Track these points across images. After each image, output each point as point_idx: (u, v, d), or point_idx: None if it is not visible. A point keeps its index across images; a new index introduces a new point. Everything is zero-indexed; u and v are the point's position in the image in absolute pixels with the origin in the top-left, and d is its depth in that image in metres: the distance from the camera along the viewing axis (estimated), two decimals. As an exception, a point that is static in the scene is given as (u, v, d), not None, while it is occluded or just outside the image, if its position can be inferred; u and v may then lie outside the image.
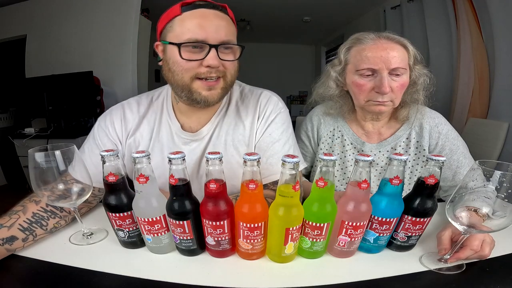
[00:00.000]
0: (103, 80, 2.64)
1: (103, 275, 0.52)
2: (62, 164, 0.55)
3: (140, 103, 0.78)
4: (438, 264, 0.53)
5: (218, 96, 0.66)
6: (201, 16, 0.60)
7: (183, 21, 0.61)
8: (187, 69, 0.62)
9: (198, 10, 0.61)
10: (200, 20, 0.60)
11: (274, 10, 3.64)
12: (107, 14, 2.66)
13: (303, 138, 0.97)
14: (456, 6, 2.23)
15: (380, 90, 0.71)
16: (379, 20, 3.31)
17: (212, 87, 0.64)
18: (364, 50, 0.74)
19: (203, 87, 0.64)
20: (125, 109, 0.77)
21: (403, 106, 0.81)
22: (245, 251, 0.55)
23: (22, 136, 2.40)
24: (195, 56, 0.61)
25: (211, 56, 0.60)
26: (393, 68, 0.71)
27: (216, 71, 0.63)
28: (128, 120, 0.75)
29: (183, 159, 0.50)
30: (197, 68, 0.62)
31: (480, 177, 0.46)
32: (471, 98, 2.16)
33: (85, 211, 0.76)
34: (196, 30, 0.59)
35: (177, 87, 0.66)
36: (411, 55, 0.74)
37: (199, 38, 0.59)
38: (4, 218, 0.59)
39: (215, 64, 0.61)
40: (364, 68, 0.73)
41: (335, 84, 0.84)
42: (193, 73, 0.63)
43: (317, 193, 0.51)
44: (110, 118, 0.75)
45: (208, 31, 0.60)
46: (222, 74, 0.65)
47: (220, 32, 0.61)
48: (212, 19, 0.61)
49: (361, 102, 0.78)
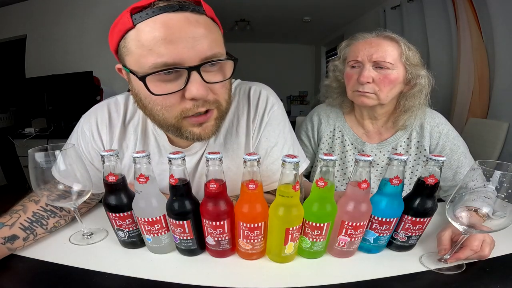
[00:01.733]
0: (103, 80, 2.64)
1: (103, 275, 0.51)
2: (62, 164, 0.55)
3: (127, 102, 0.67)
4: (438, 264, 0.53)
5: (213, 129, 0.54)
6: (164, 26, 0.42)
7: (139, 37, 0.43)
8: (166, 108, 0.48)
9: (159, 17, 0.42)
10: (164, 32, 0.42)
11: (274, 10, 3.64)
12: (107, 14, 2.66)
13: (303, 138, 0.97)
14: (456, 6, 2.22)
15: (359, 80, 0.76)
16: (379, 20, 3.31)
17: (204, 121, 0.52)
18: (355, 45, 0.80)
19: (193, 125, 0.52)
20: (111, 110, 0.65)
21: (405, 111, 0.80)
22: (245, 251, 0.55)
23: (22, 136, 2.40)
24: (170, 88, 0.45)
25: (194, 83, 0.44)
26: (375, 60, 0.74)
27: (203, 104, 0.48)
28: (114, 125, 0.65)
29: (183, 159, 0.49)
30: (179, 104, 0.48)
31: (480, 177, 0.46)
32: (471, 98, 2.16)
33: (84, 211, 0.76)
34: (161, 50, 0.42)
35: (161, 126, 0.54)
36: (403, 52, 0.75)
37: (169, 61, 0.42)
38: (5, 217, 0.59)
39: (202, 94, 0.45)
40: (351, 60, 0.79)
41: (335, 78, 0.89)
42: (177, 112, 0.48)
43: (317, 193, 0.51)
44: (95, 122, 0.65)
45: (180, 47, 0.42)
46: (214, 105, 0.50)
47: (198, 45, 0.43)
48: (182, 27, 0.43)
49: (348, 93, 0.83)
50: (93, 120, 0.66)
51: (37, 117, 2.67)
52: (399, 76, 0.75)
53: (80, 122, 0.68)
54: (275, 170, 0.65)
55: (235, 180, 0.59)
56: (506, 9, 1.82)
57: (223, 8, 3.54)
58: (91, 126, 0.65)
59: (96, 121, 0.65)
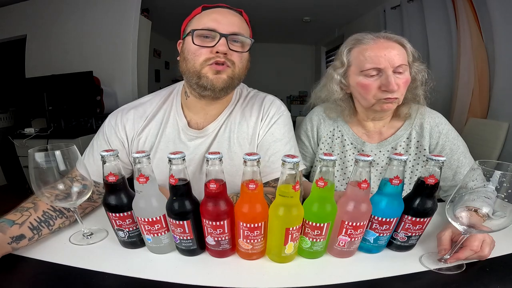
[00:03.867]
0: (103, 80, 2.64)
1: (103, 275, 0.51)
2: (62, 164, 0.55)
3: (153, 102, 0.80)
4: (438, 264, 0.53)
5: (224, 83, 0.68)
6: (217, 12, 0.68)
7: (201, 16, 0.68)
8: (198, 55, 0.66)
9: (216, 9, 0.68)
10: (215, 14, 0.67)
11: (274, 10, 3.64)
12: (107, 14, 2.66)
13: (303, 138, 0.97)
14: (456, 6, 2.23)
15: (389, 89, 0.72)
16: (379, 20, 3.31)
17: (219, 71, 0.67)
18: (366, 50, 0.74)
19: (211, 71, 0.67)
20: (138, 111, 0.79)
21: (405, 103, 0.81)
22: (245, 251, 0.55)
23: (22, 136, 2.40)
24: (206, 43, 0.66)
25: (221, 43, 0.65)
26: (397, 66, 0.72)
27: (224, 57, 0.66)
28: (138, 121, 0.78)
29: (183, 159, 0.50)
30: (207, 54, 0.66)
31: (480, 177, 0.46)
32: (471, 98, 2.16)
33: (89, 210, 0.76)
34: (210, 22, 0.66)
35: (189, 74, 0.69)
36: (409, 52, 0.75)
37: (211, 27, 0.65)
38: (16, 214, 0.59)
39: (224, 49, 0.65)
40: (369, 68, 0.73)
41: (339, 87, 0.83)
42: (204, 58, 0.66)
43: (317, 193, 0.51)
44: (121, 118, 0.78)
45: (220, 23, 0.65)
46: (230, 63, 0.68)
47: (231, 25, 0.66)
48: (226, 14, 0.67)
49: (370, 102, 0.77)
50: (120, 115, 0.78)
51: (37, 117, 2.67)
52: (409, 75, 0.76)
53: (109, 116, 0.80)
54: (275, 161, 0.75)
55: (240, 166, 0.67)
56: (506, 9, 1.82)
57: (223, 8, 3.54)
58: (118, 120, 0.78)
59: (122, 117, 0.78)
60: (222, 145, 0.77)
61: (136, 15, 2.66)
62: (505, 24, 1.84)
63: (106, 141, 0.77)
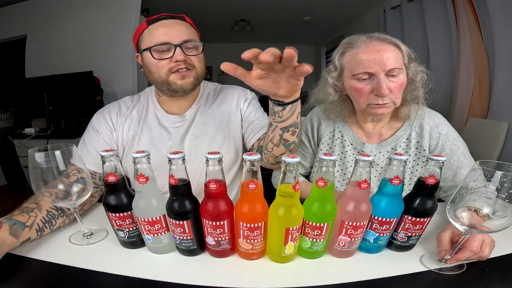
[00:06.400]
0: (103, 80, 2.64)
1: (103, 275, 0.51)
2: (62, 164, 0.55)
3: (132, 99, 0.92)
4: (439, 264, 0.53)
5: (191, 84, 0.79)
6: (163, 25, 0.74)
7: (150, 32, 0.75)
8: (161, 67, 0.75)
9: (161, 22, 0.75)
10: (163, 28, 0.74)
11: (274, 10, 3.64)
12: (107, 14, 2.66)
13: (303, 139, 0.97)
14: (456, 6, 2.22)
15: (379, 93, 0.71)
16: (379, 20, 3.31)
17: (184, 76, 0.77)
18: (358, 54, 0.73)
19: (177, 78, 0.76)
20: (120, 104, 0.90)
21: (404, 104, 0.80)
22: (245, 251, 0.55)
23: (22, 136, 2.40)
24: (165, 55, 0.74)
25: (177, 53, 0.73)
26: (389, 69, 0.70)
27: (184, 63, 0.75)
28: (122, 112, 0.88)
29: (183, 159, 0.50)
30: (168, 64, 0.75)
31: (481, 178, 0.46)
32: (471, 98, 2.16)
33: (88, 207, 0.76)
34: (161, 36, 0.73)
35: (157, 84, 0.79)
36: (404, 54, 0.74)
37: (164, 40, 0.73)
38: (23, 215, 0.58)
39: (182, 58, 0.74)
40: (360, 73, 0.73)
41: (334, 90, 0.83)
42: (166, 68, 0.75)
43: (317, 193, 0.51)
44: (107, 110, 0.87)
45: (171, 35, 0.73)
46: (191, 67, 0.77)
47: (181, 34, 0.74)
48: (173, 26, 0.75)
49: (362, 106, 0.77)
50: (106, 109, 0.89)
51: (37, 117, 2.67)
52: (405, 77, 0.75)
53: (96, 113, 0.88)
54: (262, 117, 0.88)
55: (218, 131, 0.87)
56: (506, 9, 1.82)
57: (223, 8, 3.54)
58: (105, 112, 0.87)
59: (108, 109, 0.88)
60: (202, 127, 0.87)
61: (136, 15, 2.66)
62: (505, 24, 1.83)
63: (95, 132, 0.83)
